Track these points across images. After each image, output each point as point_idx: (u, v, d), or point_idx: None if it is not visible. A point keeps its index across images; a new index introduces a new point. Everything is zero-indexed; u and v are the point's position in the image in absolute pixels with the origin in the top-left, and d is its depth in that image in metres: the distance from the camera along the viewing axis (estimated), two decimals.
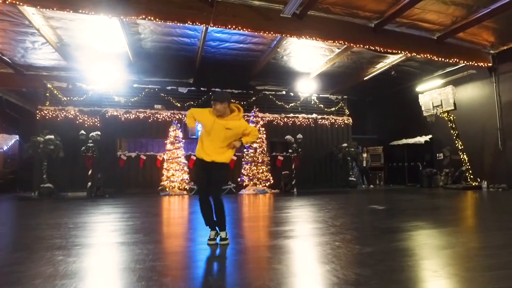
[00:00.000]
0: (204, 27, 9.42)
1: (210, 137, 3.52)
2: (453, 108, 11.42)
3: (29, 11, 8.50)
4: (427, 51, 10.60)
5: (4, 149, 14.50)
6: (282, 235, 4.06)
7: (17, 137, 15.27)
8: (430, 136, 14.12)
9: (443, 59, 11.03)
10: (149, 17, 8.10)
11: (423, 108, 12.36)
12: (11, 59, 12.11)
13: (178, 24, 8.83)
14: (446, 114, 11.87)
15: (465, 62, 11.42)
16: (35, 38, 10.57)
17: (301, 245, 3.59)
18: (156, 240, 3.94)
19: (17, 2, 7.17)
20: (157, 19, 8.23)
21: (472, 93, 12.57)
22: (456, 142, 12.06)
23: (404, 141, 14.98)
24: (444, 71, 13.30)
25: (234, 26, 8.73)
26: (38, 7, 7.84)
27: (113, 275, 2.64)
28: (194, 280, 2.56)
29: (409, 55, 10.81)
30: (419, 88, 13.67)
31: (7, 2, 7.03)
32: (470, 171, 11.92)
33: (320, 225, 4.81)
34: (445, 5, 9.04)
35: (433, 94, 11.95)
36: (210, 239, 3.54)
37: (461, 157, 11.99)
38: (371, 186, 14.65)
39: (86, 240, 3.92)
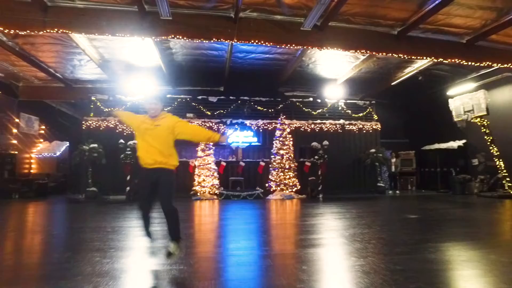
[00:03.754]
0: (230, 42, 9.96)
1: (146, 141, 3.52)
2: (485, 113, 11.00)
3: (76, 35, 9.57)
4: (456, 56, 10.33)
5: (57, 154, 16.10)
6: (294, 244, 4.44)
7: (67, 143, 16.85)
8: (464, 141, 13.63)
9: (473, 63, 10.67)
10: (177, 36, 8.79)
11: (453, 113, 12.01)
12: (62, 75, 13.57)
13: (205, 41, 9.46)
14: (478, 120, 11.45)
15: (499, 64, 10.95)
16: (81, 57, 11.80)
17: (305, 255, 3.92)
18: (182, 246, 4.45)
19: (68, 31, 8.31)
20: (184, 38, 8.92)
21: (509, 96, 11.99)
22: (491, 148, 11.58)
23: (436, 145, 14.56)
24: (478, 74, 12.77)
25: (257, 41, 9.18)
26: (83, 34, 8.87)
27: (138, 277, 3.18)
28: (209, 282, 3.03)
29: (436, 60, 10.61)
30: (450, 92, 13.25)
31: (59, 32, 8.18)
32: (508, 179, 11.40)
33: (330, 234, 5.11)
34: (471, 10, 8.81)
35: (463, 98, 11.59)
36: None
37: (497, 163, 11.50)
38: (397, 192, 14.44)
39: (120, 244, 4.55)
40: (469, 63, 10.46)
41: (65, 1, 8.19)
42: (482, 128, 11.53)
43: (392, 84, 13.85)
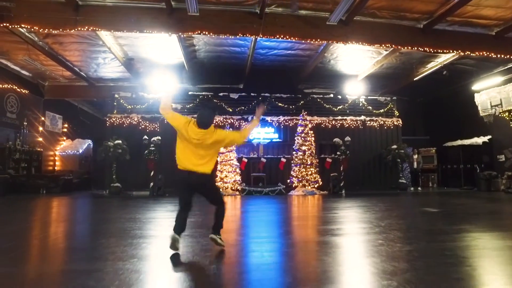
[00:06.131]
0: (254, 37, 10.01)
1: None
2: None
3: (103, 33, 9.79)
4: (484, 49, 10.10)
5: (80, 152, 16.50)
6: (328, 233, 4.45)
7: (89, 141, 17.25)
8: (489, 136, 13.29)
9: (503, 56, 10.40)
10: (204, 32, 8.89)
11: (479, 108, 11.77)
12: (86, 74, 13.87)
13: (230, 37, 9.54)
14: (507, 114, 11.19)
15: None
16: (106, 55, 12.04)
17: (346, 242, 3.96)
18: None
19: (96, 29, 8.49)
20: (211, 33, 9.01)
21: None
22: None
23: (460, 142, 14.26)
24: (506, 67, 12.43)
25: (282, 36, 9.20)
26: (112, 31, 9.08)
27: (179, 260, 3.24)
28: (240, 265, 3.08)
29: (462, 54, 10.40)
30: (475, 86, 12.95)
31: (90, 30, 8.37)
32: None
33: (365, 225, 5.09)
34: None
35: (491, 93, 11.35)
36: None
37: None
38: (419, 188, 14.25)
39: (158, 233, 4.65)
40: (498, 55, 10.21)
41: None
42: (511, 123, 11.26)
43: (414, 79, 13.64)
